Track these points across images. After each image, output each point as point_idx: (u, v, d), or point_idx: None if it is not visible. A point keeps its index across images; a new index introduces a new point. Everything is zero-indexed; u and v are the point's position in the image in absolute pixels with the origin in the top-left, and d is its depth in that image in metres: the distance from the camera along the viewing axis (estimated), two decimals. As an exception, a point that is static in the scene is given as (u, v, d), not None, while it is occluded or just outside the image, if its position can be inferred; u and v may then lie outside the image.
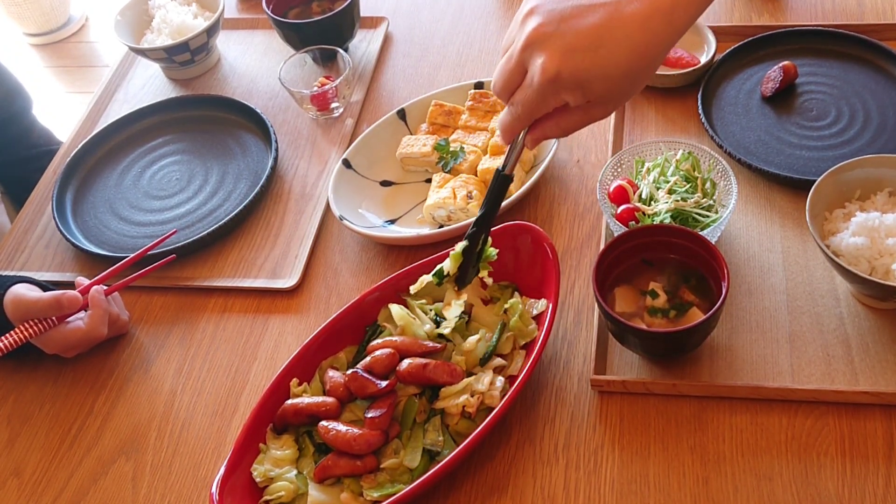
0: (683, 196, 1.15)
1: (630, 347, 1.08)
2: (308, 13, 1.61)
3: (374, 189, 1.38)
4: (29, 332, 1.15)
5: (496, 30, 1.62)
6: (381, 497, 0.98)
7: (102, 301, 1.19)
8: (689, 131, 1.35)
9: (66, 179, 1.48)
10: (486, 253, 1.03)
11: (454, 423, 1.04)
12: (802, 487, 0.97)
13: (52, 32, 3.71)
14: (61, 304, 1.16)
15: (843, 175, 1.11)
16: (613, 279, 1.10)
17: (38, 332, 1.16)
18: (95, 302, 1.19)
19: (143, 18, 1.67)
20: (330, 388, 1.07)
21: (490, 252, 1.03)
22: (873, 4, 1.49)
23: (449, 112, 1.40)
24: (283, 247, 1.34)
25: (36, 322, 1.16)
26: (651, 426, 1.05)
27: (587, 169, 1.35)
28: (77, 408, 1.20)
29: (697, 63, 1.40)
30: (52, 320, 1.17)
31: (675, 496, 0.99)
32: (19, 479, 1.14)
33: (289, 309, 1.26)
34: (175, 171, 1.49)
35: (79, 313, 1.20)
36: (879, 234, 1.05)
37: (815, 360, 1.07)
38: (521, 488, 1.03)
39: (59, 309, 1.16)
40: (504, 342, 1.09)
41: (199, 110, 1.56)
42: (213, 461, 1.11)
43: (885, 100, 1.32)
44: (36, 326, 1.16)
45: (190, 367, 1.22)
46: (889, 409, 1.02)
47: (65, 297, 1.16)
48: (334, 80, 1.49)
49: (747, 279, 1.16)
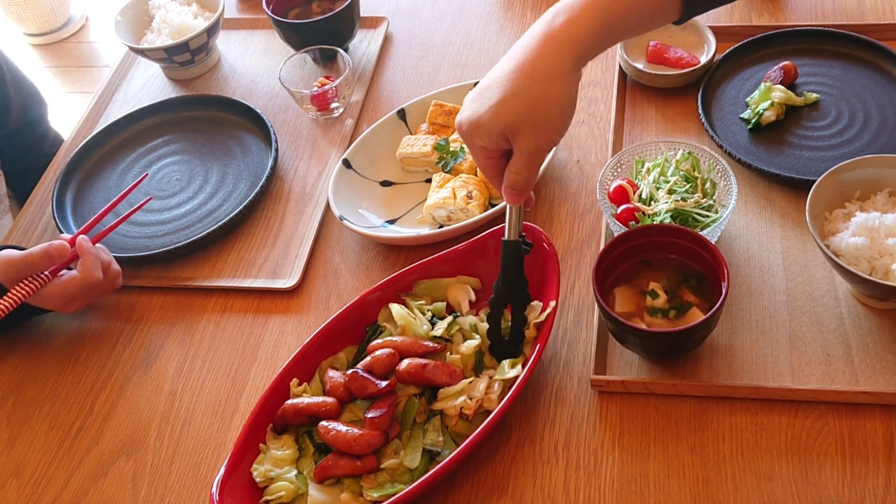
0: (683, 196, 1.15)
1: (630, 347, 1.08)
2: (308, 13, 1.61)
3: (374, 189, 1.38)
4: (24, 291, 1.15)
5: (496, 30, 1.62)
6: (381, 497, 0.98)
7: (91, 247, 1.19)
8: (689, 131, 1.35)
9: (66, 179, 1.48)
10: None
11: (453, 423, 1.04)
12: (802, 487, 0.97)
13: (52, 32, 3.71)
14: (50, 255, 1.15)
15: (843, 175, 1.11)
16: (613, 279, 1.10)
17: (33, 290, 1.15)
18: (84, 249, 1.19)
19: (143, 18, 1.67)
20: (330, 388, 1.07)
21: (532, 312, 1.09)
22: (873, 4, 1.49)
23: (449, 112, 1.40)
24: (283, 247, 1.34)
25: (30, 280, 1.15)
26: (651, 426, 1.05)
27: (587, 169, 1.35)
28: (77, 408, 1.20)
29: (697, 63, 1.40)
30: (46, 276, 1.17)
31: (675, 496, 0.99)
32: (19, 479, 1.14)
33: (289, 309, 1.26)
34: (175, 171, 1.49)
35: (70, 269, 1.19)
36: (879, 234, 1.05)
37: (815, 360, 1.07)
38: (521, 488, 1.03)
39: (50, 259, 1.15)
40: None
41: (199, 110, 1.56)
42: (213, 461, 1.11)
43: (885, 100, 1.32)
44: (31, 285, 1.15)
45: (190, 367, 1.22)
46: (889, 409, 1.02)
47: (52, 246, 1.15)
48: (334, 80, 1.49)
49: (747, 279, 1.16)
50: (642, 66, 1.42)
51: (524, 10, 1.64)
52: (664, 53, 1.42)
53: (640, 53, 1.45)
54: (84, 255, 1.19)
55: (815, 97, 1.33)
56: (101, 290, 1.22)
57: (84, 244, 1.19)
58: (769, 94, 1.32)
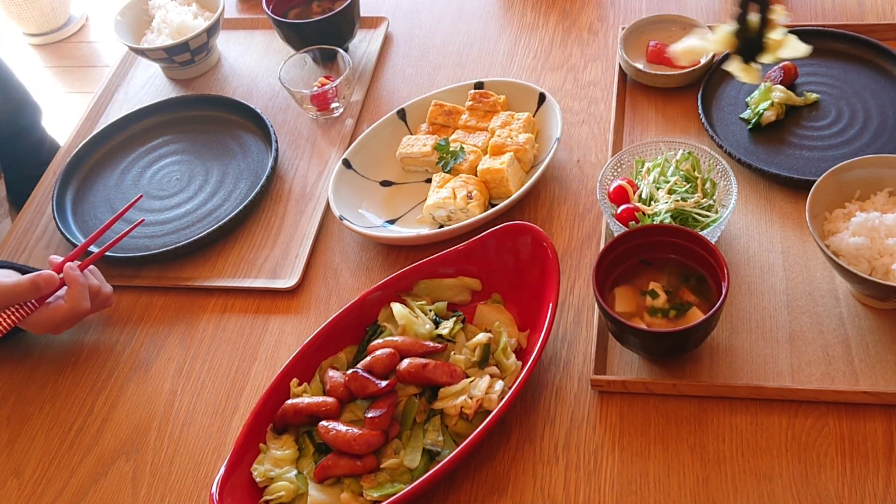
0: (683, 196, 1.15)
1: (630, 347, 1.08)
2: (308, 13, 1.61)
3: (374, 189, 1.38)
4: (12, 318, 1.15)
5: (496, 30, 1.62)
6: (381, 497, 0.98)
7: (79, 276, 1.18)
8: (689, 131, 1.35)
9: (66, 179, 1.48)
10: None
11: (453, 423, 1.04)
12: (802, 487, 0.97)
13: (52, 33, 3.71)
14: (38, 286, 1.15)
15: (843, 175, 1.11)
16: (613, 279, 1.10)
17: (21, 317, 1.16)
18: (71, 278, 1.18)
19: (143, 18, 1.67)
20: (330, 388, 1.07)
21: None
22: (873, 4, 1.49)
23: (449, 112, 1.40)
24: (283, 247, 1.34)
25: (18, 308, 1.15)
26: (651, 426, 1.05)
27: (587, 169, 1.35)
28: (77, 408, 1.20)
29: (697, 63, 1.40)
30: (33, 303, 1.17)
31: (675, 496, 0.99)
32: (19, 479, 1.14)
33: (289, 309, 1.26)
34: (175, 171, 1.49)
35: (60, 292, 1.19)
36: (879, 234, 1.05)
37: (815, 360, 1.07)
38: (521, 488, 1.03)
39: (38, 291, 1.15)
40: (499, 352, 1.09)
41: (199, 110, 1.56)
42: (213, 461, 1.11)
43: (885, 100, 1.32)
44: (18, 312, 1.15)
45: (190, 367, 1.22)
46: (889, 409, 1.02)
47: (40, 277, 1.15)
48: (334, 80, 1.49)
49: (747, 279, 1.16)
50: (642, 66, 1.42)
51: (524, 10, 1.64)
52: (664, 53, 1.42)
53: (640, 53, 1.45)
54: (71, 284, 1.17)
55: (815, 97, 1.33)
56: (89, 314, 1.21)
57: (71, 274, 1.18)
58: (769, 94, 1.32)
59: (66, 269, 1.18)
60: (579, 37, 1.57)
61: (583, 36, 1.57)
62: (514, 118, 1.36)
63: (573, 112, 1.44)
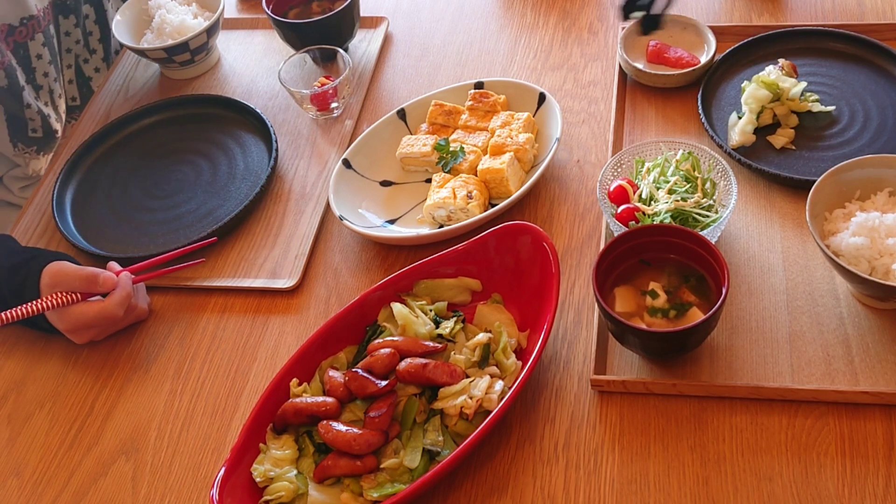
0: (683, 196, 1.15)
1: (630, 347, 1.08)
2: (308, 13, 1.61)
3: (374, 189, 1.38)
4: (50, 302, 1.16)
5: (496, 30, 1.62)
6: (381, 497, 0.98)
7: (128, 285, 1.21)
8: (689, 131, 1.35)
9: (66, 179, 1.48)
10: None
11: (453, 423, 1.04)
12: (802, 487, 0.97)
13: (52, 32, 3.71)
14: (96, 281, 1.17)
15: (843, 175, 1.11)
16: (613, 279, 1.10)
17: (60, 303, 1.16)
18: (121, 284, 1.20)
19: (142, 18, 1.67)
20: (330, 388, 1.07)
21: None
22: (873, 4, 1.49)
23: (449, 112, 1.40)
24: (283, 247, 1.34)
25: (62, 293, 1.16)
26: (651, 426, 1.05)
27: (587, 169, 1.35)
28: (77, 408, 1.20)
29: (697, 63, 1.40)
30: (77, 295, 1.17)
31: (675, 496, 0.99)
32: (19, 479, 1.14)
33: (289, 309, 1.26)
34: (175, 170, 1.48)
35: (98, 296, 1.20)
36: (879, 234, 1.05)
37: (815, 360, 1.07)
38: (521, 488, 1.03)
39: (93, 285, 1.17)
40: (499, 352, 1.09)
41: (199, 110, 1.56)
42: (213, 461, 1.11)
43: (885, 100, 1.32)
44: (61, 297, 1.16)
45: (190, 367, 1.22)
46: (889, 409, 1.02)
47: (102, 275, 1.18)
48: (334, 80, 1.49)
49: (747, 279, 1.16)
50: (642, 66, 1.42)
51: (524, 10, 1.64)
52: (664, 53, 1.42)
53: (640, 53, 1.45)
54: (120, 289, 1.19)
55: (815, 97, 1.33)
56: (118, 325, 1.23)
57: (125, 280, 1.21)
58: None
59: (123, 275, 1.21)
60: (579, 37, 1.57)
61: (583, 36, 1.57)
62: (514, 118, 1.36)
63: (573, 112, 1.44)
